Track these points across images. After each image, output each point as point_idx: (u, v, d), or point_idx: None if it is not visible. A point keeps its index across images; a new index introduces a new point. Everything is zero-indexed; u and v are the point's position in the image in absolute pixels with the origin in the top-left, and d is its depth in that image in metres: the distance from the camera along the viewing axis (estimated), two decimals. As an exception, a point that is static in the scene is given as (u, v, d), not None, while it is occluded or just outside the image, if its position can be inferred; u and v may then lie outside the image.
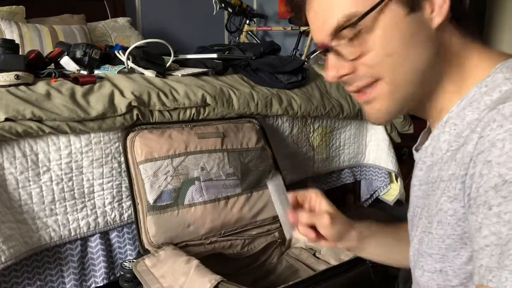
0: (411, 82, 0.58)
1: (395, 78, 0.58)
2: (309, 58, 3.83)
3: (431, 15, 0.55)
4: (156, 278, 1.17)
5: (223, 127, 1.55)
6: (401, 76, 0.58)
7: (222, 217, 1.42)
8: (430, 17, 0.55)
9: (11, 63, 1.37)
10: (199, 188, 1.40)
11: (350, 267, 1.20)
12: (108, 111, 1.35)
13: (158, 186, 1.33)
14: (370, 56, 0.57)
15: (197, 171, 1.41)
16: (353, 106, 1.97)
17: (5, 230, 1.22)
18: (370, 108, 0.62)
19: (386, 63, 0.57)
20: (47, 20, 2.83)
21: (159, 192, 1.33)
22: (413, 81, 0.58)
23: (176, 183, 1.36)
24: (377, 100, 0.60)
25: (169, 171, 1.36)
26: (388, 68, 0.57)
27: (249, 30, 3.99)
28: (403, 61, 0.57)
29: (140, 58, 1.60)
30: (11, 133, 1.21)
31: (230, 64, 1.84)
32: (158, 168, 1.35)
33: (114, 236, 1.48)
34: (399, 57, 0.56)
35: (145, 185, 1.33)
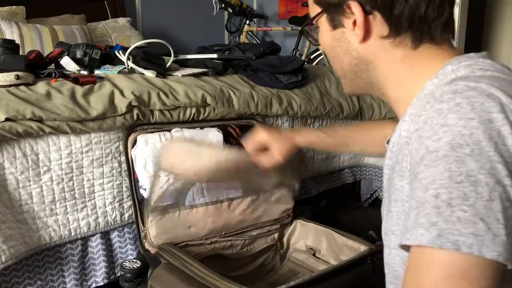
0: (348, 74, 0.73)
1: (336, 69, 0.76)
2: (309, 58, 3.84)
3: (353, 32, 0.67)
4: None
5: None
6: (339, 70, 0.75)
7: (223, 218, 1.42)
8: (353, 34, 0.67)
9: (12, 63, 1.37)
10: (200, 189, 1.40)
11: (350, 267, 1.20)
12: (108, 111, 1.35)
13: (159, 187, 1.33)
14: (321, 47, 0.75)
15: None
16: (353, 106, 1.98)
17: (5, 230, 1.22)
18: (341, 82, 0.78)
19: (329, 59, 0.76)
20: (47, 20, 2.83)
21: (160, 193, 1.33)
22: (348, 74, 0.73)
23: (178, 184, 1.36)
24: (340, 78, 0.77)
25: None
26: (331, 62, 0.76)
27: (249, 30, 3.99)
28: (334, 60, 0.74)
29: (140, 58, 1.60)
30: (11, 133, 1.22)
31: (230, 64, 1.84)
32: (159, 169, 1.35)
33: (114, 236, 1.48)
34: (331, 57, 0.74)
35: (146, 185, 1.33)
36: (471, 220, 0.48)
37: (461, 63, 0.63)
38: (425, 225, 0.49)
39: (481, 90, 0.54)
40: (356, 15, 0.65)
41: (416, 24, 0.64)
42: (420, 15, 0.64)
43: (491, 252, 0.47)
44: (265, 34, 4.33)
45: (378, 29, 0.66)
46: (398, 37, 0.65)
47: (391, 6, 0.63)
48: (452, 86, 0.55)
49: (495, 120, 0.51)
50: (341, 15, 0.67)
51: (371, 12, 0.65)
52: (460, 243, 0.47)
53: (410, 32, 0.65)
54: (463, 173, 0.49)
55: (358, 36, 0.67)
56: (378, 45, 0.67)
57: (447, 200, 0.49)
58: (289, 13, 4.20)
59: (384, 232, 0.70)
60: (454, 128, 0.51)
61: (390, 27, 0.65)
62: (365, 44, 0.67)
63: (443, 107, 0.54)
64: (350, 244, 1.35)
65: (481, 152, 0.50)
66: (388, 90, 0.71)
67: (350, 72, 0.73)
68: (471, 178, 0.49)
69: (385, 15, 0.64)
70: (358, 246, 1.32)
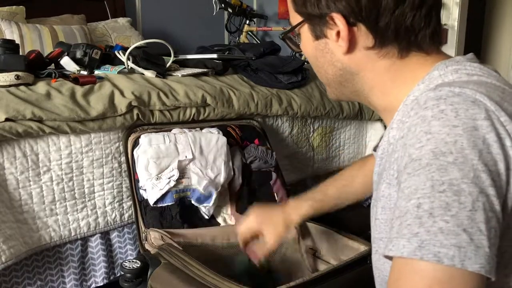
0: (332, 83, 0.71)
1: (319, 77, 0.73)
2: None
3: (337, 44, 0.64)
4: None
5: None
6: (323, 79, 0.72)
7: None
8: (337, 45, 0.65)
9: (12, 63, 1.37)
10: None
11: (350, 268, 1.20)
12: (108, 111, 1.35)
13: (160, 189, 1.32)
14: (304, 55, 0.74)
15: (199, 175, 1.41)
16: (353, 106, 1.98)
17: (5, 230, 1.22)
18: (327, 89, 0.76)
19: (312, 66, 0.73)
20: (47, 21, 2.83)
21: (160, 194, 1.33)
22: (333, 84, 0.71)
23: (179, 186, 1.36)
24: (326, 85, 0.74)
25: (174, 175, 1.35)
26: (313, 68, 0.73)
27: (249, 31, 3.99)
28: (318, 69, 0.71)
29: (140, 59, 1.60)
30: (11, 133, 1.22)
31: (230, 64, 1.84)
32: (161, 171, 1.35)
33: (114, 236, 1.48)
34: (314, 65, 0.72)
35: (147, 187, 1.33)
36: (454, 231, 0.46)
37: (448, 67, 0.61)
38: (407, 236, 0.48)
39: (465, 96, 0.52)
40: (339, 27, 0.62)
41: (402, 35, 0.62)
42: (407, 26, 0.61)
43: (473, 265, 0.45)
44: (265, 34, 4.33)
45: (363, 40, 0.63)
46: (384, 48, 0.63)
47: (376, 18, 0.61)
48: (436, 92, 0.54)
49: (480, 127, 0.50)
50: (323, 26, 0.65)
51: (355, 24, 0.62)
52: (442, 255, 0.46)
53: (397, 43, 0.63)
54: (445, 182, 0.48)
55: (342, 48, 0.64)
56: (363, 56, 0.65)
57: (428, 210, 0.48)
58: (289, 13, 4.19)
59: (372, 239, 0.70)
60: (437, 135, 0.50)
61: (376, 38, 0.62)
62: (350, 55, 0.65)
63: (427, 114, 0.52)
64: (350, 244, 1.35)
65: (464, 161, 0.48)
66: (374, 100, 0.69)
67: (335, 82, 0.71)
68: (454, 188, 0.48)
69: (370, 26, 0.62)
70: (358, 246, 1.32)
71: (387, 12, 0.60)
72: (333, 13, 0.62)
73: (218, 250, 1.40)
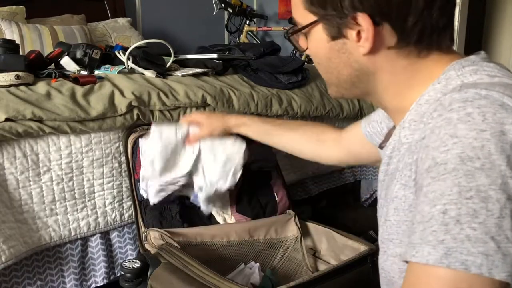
0: (343, 84, 0.68)
1: (328, 78, 0.70)
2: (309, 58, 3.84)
3: (358, 44, 0.62)
4: None
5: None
6: (332, 79, 0.69)
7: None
8: (357, 46, 0.62)
9: (12, 63, 1.37)
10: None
11: (350, 268, 1.20)
12: (108, 111, 1.35)
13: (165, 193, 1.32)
14: (312, 56, 0.70)
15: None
16: (353, 106, 1.98)
17: (5, 230, 1.22)
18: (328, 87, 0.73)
19: (319, 66, 0.70)
20: (47, 21, 2.83)
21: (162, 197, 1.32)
22: (344, 84, 0.68)
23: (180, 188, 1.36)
24: (328, 84, 0.72)
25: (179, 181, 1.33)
26: (321, 69, 0.70)
27: (249, 30, 3.99)
28: (330, 70, 0.68)
29: (140, 59, 1.60)
30: (11, 133, 1.22)
31: (230, 64, 1.84)
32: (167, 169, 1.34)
33: (114, 236, 1.48)
34: (326, 67, 0.68)
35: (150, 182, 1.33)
36: (481, 239, 0.45)
37: (465, 68, 0.60)
38: (432, 242, 0.47)
39: (493, 99, 0.51)
40: (363, 27, 0.60)
41: (427, 35, 0.61)
42: (432, 25, 0.60)
43: (500, 273, 0.45)
44: (265, 34, 4.33)
45: (386, 39, 0.61)
46: (405, 47, 0.62)
47: (405, 17, 0.59)
48: (462, 94, 0.52)
49: (508, 132, 0.48)
50: (343, 26, 0.62)
51: (380, 23, 0.60)
52: (470, 263, 0.45)
53: (419, 42, 0.61)
54: (473, 189, 0.47)
55: (363, 49, 0.62)
56: (383, 56, 0.63)
57: (455, 216, 0.47)
58: (289, 13, 4.18)
59: (380, 240, 0.69)
60: (464, 139, 0.49)
61: (399, 38, 0.61)
62: (369, 55, 0.63)
63: (453, 117, 0.51)
64: (350, 244, 1.35)
65: (492, 166, 0.47)
66: (387, 100, 0.68)
67: (347, 82, 0.68)
68: (482, 194, 0.47)
69: (396, 26, 0.60)
70: (358, 246, 1.32)
71: (416, 11, 0.59)
72: (358, 12, 0.60)
73: (217, 249, 1.40)
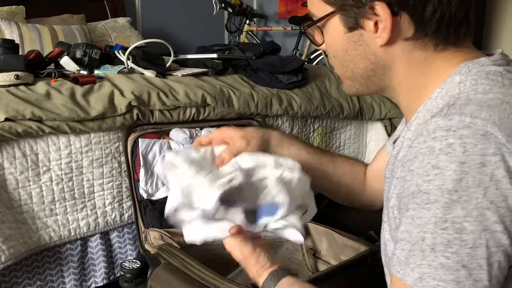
0: (359, 78, 0.67)
1: (343, 72, 0.69)
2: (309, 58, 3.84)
3: (375, 35, 0.61)
4: None
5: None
6: (348, 72, 0.68)
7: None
8: (374, 36, 0.61)
9: (11, 63, 1.37)
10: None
11: (350, 267, 1.20)
12: (108, 111, 1.35)
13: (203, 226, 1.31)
14: (327, 49, 0.69)
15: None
16: (353, 106, 1.97)
17: (5, 230, 1.22)
18: (342, 83, 0.72)
19: (335, 60, 0.69)
20: (47, 20, 2.83)
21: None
22: (360, 78, 0.67)
23: None
24: (342, 79, 0.71)
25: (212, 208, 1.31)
26: (337, 63, 0.69)
27: (249, 30, 3.99)
28: (346, 63, 0.67)
29: (140, 58, 1.60)
30: (11, 133, 1.21)
31: (230, 64, 1.84)
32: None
33: (114, 236, 1.48)
34: (341, 60, 0.67)
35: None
36: (453, 267, 0.49)
37: (471, 71, 0.59)
38: (411, 265, 0.52)
39: (476, 129, 0.50)
40: (382, 17, 0.59)
41: (444, 25, 0.59)
42: (450, 15, 0.59)
43: None
44: (265, 34, 4.33)
45: (403, 30, 0.60)
46: (423, 39, 0.61)
47: (423, 6, 0.58)
48: (446, 121, 0.52)
49: (488, 163, 0.49)
50: (361, 16, 0.61)
51: (398, 13, 0.59)
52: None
53: (437, 33, 0.60)
54: (448, 220, 0.49)
55: (381, 39, 0.61)
56: (399, 48, 0.62)
57: (431, 245, 0.50)
58: (289, 13, 4.19)
59: (383, 241, 0.69)
60: (444, 171, 0.50)
61: (417, 28, 0.59)
62: (386, 47, 0.62)
63: (435, 146, 0.51)
64: (350, 244, 1.35)
65: (469, 199, 0.49)
66: (401, 96, 0.67)
67: (363, 77, 0.67)
68: (456, 225, 0.49)
69: (414, 15, 0.59)
70: (358, 246, 1.31)
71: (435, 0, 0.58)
72: (375, 1, 0.59)
73: (217, 249, 1.40)
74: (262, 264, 0.74)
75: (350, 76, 0.68)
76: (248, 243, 0.74)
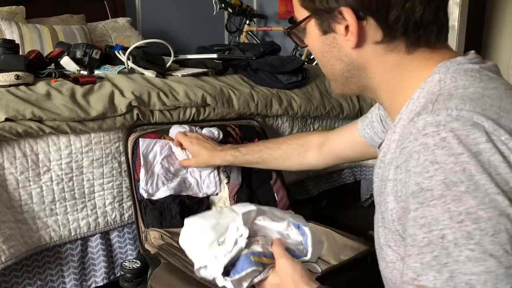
0: (338, 78, 0.71)
1: (326, 72, 0.73)
2: (309, 58, 3.84)
3: (346, 38, 0.64)
4: None
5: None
6: (329, 74, 0.73)
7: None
8: (345, 39, 0.65)
9: (11, 63, 1.37)
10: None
11: (350, 267, 1.20)
12: (108, 111, 1.35)
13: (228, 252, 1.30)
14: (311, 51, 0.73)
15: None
16: (353, 106, 1.98)
17: (5, 230, 1.22)
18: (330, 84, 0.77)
19: (317, 60, 0.74)
20: (47, 20, 2.84)
21: (229, 258, 1.30)
22: (340, 79, 0.71)
23: (255, 246, 1.34)
24: (329, 80, 0.76)
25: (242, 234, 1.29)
26: (319, 63, 0.73)
27: (249, 30, 4.00)
28: (324, 64, 0.71)
29: (140, 58, 1.60)
30: (11, 133, 1.22)
31: (230, 64, 1.84)
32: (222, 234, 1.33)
33: (114, 236, 1.48)
34: (320, 61, 0.72)
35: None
36: (481, 258, 0.47)
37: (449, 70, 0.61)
38: (436, 267, 0.49)
39: (464, 120, 0.52)
40: (348, 21, 0.62)
41: (411, 29, 0.62)
42: (416, 20, 0.61)
43: (505, 286, 0.46)
44: (265, 34, 4.33)
45: (372, 34, 0.63)
46: (392, 42, 0.63)
47: (386, 12, 0.60)
48: (434, 117, 0.53)
49: (484, 151, 0.50)
50: (332, 21, 0.64)
51: (364, 18, 0.62)
52: (474, 282, 0.46)
53: (405, 37, 0.62)
54: (462, 213, 0.48)
55: (350, 42, 0.64)
56: (371, 51, 0.64)
57: (453, 240, 0.48)
58: (289, 13, 4.20)
59: (379, 246, 0.69)
60: (444, 165, 0.50)
61: (385, 32, 0.62)
62: (358, 50, 0.65)
63: (429, 142, 0.52)
64: (350, 244, 1.35)
65: (477, 188, 0.49)
66: (382, 96, 0.69)
67: (342, 77, 0.70)
68: (472, 216, 0.48)
69: (379, 20, 0.62)
70: (358, 246, 1.31)
71: (398, 5, 0.60)
72: (342, 7, 0.62)
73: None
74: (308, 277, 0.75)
75: (331, 76, 0.73)
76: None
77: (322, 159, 1.17)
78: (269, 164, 1.26)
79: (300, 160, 1.20)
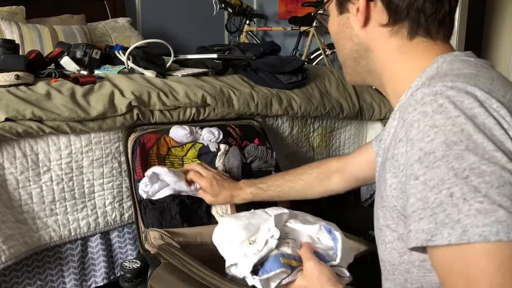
0: (348, 62, 0.79)
1: (339, 54, 0.82)
2: (309, 58, 3.84)
3: (356, 18, 0.73)
4: None
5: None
6: (340, 54, 0.81)
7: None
8: (355, 19, 0.73)
9: (11, 63, 1.37)
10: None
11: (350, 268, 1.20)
12: (108, 111, 1.35)
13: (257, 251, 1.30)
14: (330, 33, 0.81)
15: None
16: (353, 106, 1.98)
17: (5, 230, 1.22)
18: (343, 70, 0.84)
19: (334, 42, 0.82)
20: (47, 20, 2.84)
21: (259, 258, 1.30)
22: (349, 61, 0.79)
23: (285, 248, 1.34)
24: (343, 69, 0.83)
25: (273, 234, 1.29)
26: (335, 45, 0.82)
27: (249, 30, 4.00)
28: (338, 45, 0.80)
29: (140, 58, 1.60)
30: (11, 133, 1.22)
31: (230, 64, 1.84)
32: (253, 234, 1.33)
33: (114, 236, 1.48)
34: (335, 41, 0.81)
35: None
36: (490, 209, 0.49)
37: (445, 62, 0.66)
38: (449, 224, 0.51)
39: (458, 89, 0.56)
40: (359, 1, 0.71)
41: (413, 15, 0.68)
42: (418, 7, 0.68)
43: None
44: (265, 34, 4.33)
45: (378, 16, 0.71)
46: (396, 25, 0.70)
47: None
48: (431, 88, 0.58)
49: (478, 114, 0.54)
50: (348, 1, 0.73)
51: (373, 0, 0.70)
52: (487, 233, 0.48)
53: (407, 22, 0.69)
54: (466, 169, 0.51)
55: (359, 21, 0.72)
56: (377, 33, 0.72)
57: (461, 196, 0.50)
58: (289, 13, 4.20)
59: (378, 228, 0.72)
60: (443, 128, 0.53)
61: (389, 15, 0.70)
62: (366, 30, 0.73)
63: (427, 110, 0.56)
64: (350, 244, 1.35)
65: (476, 145, 0.51)
66: (385, 81, 0.75)
67: (350, 59, 0.78)
68: (476, 171, 0.50)
69: (386, 3, 0.69)
70: (358, 246, 1.31)
71: None
72: None
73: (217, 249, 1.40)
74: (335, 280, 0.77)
75: (342, 58, 0.80)
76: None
77: (345, 183, 1.20)
78: (292, 197, 1.25)
79: (323, 189, 1.22)
